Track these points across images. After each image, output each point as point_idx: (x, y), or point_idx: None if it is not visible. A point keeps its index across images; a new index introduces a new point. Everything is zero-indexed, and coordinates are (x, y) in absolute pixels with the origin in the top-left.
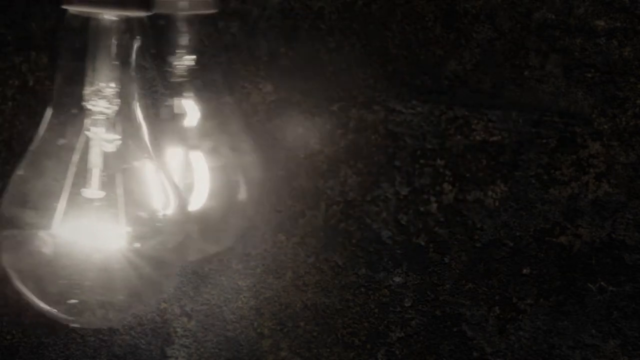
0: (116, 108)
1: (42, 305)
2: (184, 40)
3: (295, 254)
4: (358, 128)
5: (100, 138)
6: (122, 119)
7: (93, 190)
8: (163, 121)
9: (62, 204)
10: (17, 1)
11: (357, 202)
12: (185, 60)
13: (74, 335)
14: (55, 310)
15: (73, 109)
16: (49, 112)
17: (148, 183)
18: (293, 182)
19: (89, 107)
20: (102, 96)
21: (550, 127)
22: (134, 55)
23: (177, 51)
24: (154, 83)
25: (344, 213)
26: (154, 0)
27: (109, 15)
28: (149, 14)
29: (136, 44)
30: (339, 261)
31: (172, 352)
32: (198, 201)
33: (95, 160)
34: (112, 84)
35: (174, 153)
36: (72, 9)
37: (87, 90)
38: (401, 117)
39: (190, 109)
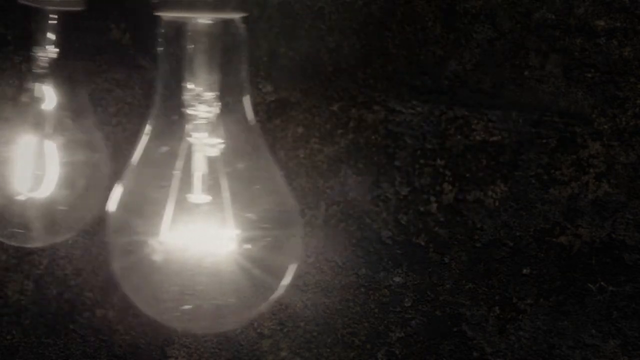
0: (217, 112)
1: (155, 313)
2: (50, 32)
3: None
4: (358, 128)
5: (202, 143)
6: (225, 121)
7: (199, 195)
8: (22, 105)
9: (169, 211)
10: (17, 1)
11: (357, 202)
12: (48, 52)
13: (74, 335)
14: (169, 317)
15: (173, 116)
16: (149, 120)
17: (254, 184)
18: (293, 182)
19: (190, 112)
20: (202, 101)
21: (550, 127)
22: (240, 56)
23: (43, 43)
24: (154, 83)
25: (344, 213)
26: (248, 1)
27: (204, 19)
28: (244, 15)
29: (236, 46)
30: (339, 261)
31: (172, 352)
32: (45, 191)
33: (199, 165)
34: (212, 88)
35: (29, 140)
36: (167, 15)
37: (187, 95)
38: (401, 117)
39: (49, 99)
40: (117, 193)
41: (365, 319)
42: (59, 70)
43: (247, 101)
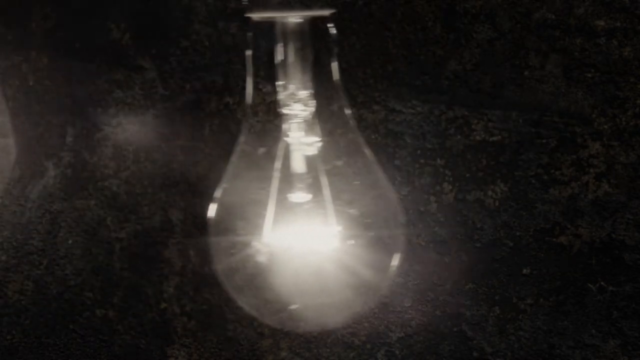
0: (312, 110)
1: (261, 314)
2: None
3: None
4: (358, 128)
5: (300, 142)
6: (322, 119)
7: (299, 194)
8: None
9: (270, 211)
10: (17, 1)
11: None
12: None
13: (74, 335)
14: (277, 317)
15: (269, 116)
16: (245, 123)
17: (355, 179)
18: None
19: (285, 112)
20: (297, 99)
21: (550, 127)
22: (334, 53)
23: None
24: (154, 83)
25: None
26: None
27: (294, 18)
28: (333, 11)
29: (332, 42)
30: None
31: (172, 352)
32: None
33: (298, 164)
34: (306, 86)
35: None
36: (257, 15)
37: (282, 95)
38: (401, 117)
39: None
40: (218, 196)
41: (365, 319)
42: None
43: (342, 98)
